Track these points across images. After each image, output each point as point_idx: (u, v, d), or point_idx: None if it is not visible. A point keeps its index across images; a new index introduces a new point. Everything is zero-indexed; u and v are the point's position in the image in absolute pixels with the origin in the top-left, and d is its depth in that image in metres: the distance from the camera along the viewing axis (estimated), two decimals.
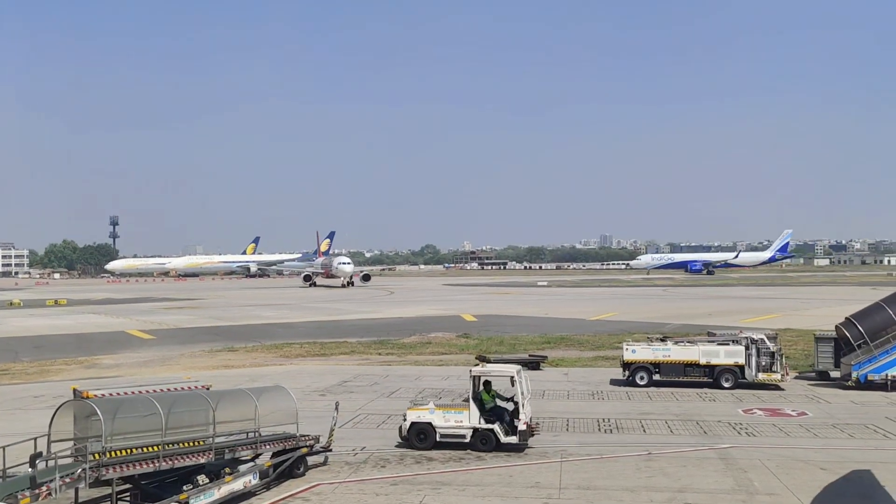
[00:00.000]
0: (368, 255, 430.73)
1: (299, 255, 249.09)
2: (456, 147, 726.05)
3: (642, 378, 36.65)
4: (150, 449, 18.72)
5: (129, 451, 18.43)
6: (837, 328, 38.32)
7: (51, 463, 17.37)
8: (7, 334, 66.23)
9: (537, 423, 25.62)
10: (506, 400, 25.04)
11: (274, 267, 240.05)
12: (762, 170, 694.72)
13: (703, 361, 36.25)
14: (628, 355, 37.24)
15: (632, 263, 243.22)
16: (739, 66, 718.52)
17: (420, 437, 24.74)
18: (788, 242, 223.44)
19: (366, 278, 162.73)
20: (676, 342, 38.04)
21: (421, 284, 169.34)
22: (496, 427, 24.39)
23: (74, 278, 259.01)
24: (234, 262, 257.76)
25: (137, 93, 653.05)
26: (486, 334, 60.46)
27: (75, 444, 18.52)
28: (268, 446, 21.73)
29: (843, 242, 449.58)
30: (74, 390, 19.67)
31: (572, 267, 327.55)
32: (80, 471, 17.35)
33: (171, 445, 19.16)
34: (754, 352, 35.85)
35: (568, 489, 20.67)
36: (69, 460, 17.97)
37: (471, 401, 24.77)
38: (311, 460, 22.87)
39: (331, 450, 23.55)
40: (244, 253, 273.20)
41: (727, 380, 35.88)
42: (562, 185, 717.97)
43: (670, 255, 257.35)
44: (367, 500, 19.99)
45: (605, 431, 27.85)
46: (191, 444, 19.73)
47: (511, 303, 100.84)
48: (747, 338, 36.67)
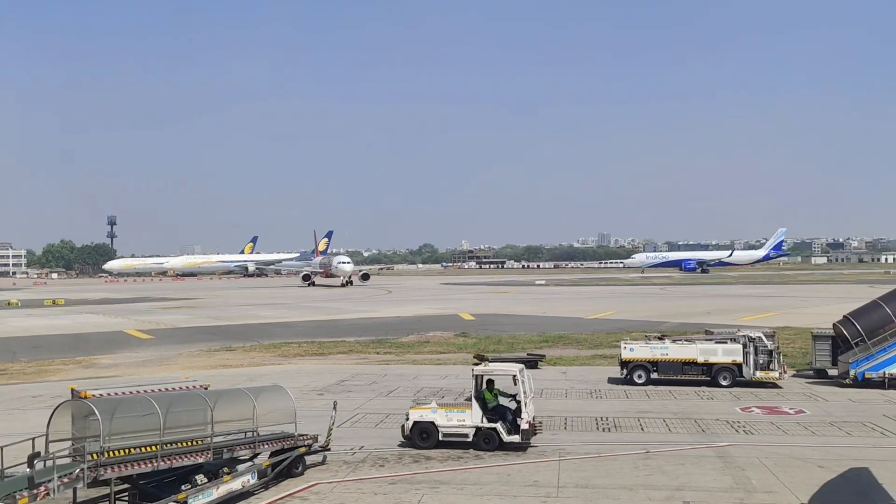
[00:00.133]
0: (366, 254, 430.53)
1: (297, 255, 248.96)
2: (454, 146, 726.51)
3: (640, 376, 36.69)
4: (149, 449, 18.72)
5: (127, 450, 18.42)
6: (835, 326, 38.37)
7: (49, 463, 17.37)
8: (5, 334, 66.12)
9: (539, 422, 25.61)
10: (508, 398, 25.06)
11: (272, 266, 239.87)
12: (759, 168, 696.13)
13: (700, 360, 36.27)
14: (626, 354, 37.26)
15: (626, 262, 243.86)
16: (737, 65, 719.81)
17: (423, 436, 24.74)
18: (783, 241, 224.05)
19: (365, 277, 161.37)
20: (674, 341, 38.08)
21: (419, 283, 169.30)
22: (499, 426, 24.37)
23: (72, 278, 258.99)
24: (231, 261, 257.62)
25: (135, 92, 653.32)
26: (485, 333, 60.44)
27: (73, 444, 18.51)
28: (266, 446, 21.73)
29: (841, 240, 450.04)
30: (72, 390, 19.66)
31: (570, 266, 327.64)
32: (78, 471, 17.33)
33: (169, 445, 19.15)
34: (752, 350, 35.89)
35: (566, 488, 20.68)
36: (67, 460, 17.98)
37: (473, 400, 24.77)
38: (310, 460, 22.86)
39: (329, 449, 23.55)
40: (242, 252, 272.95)
41: (725, 378, 35.91)
42: (559, 183, 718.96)
43: (665, 254, 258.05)
44: (366, 499, 20.00)
45: (604, 430, 27.88)
46: (189, 443, 19.73)
47: (509, 302, 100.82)
48: (745, 336, 36.70)
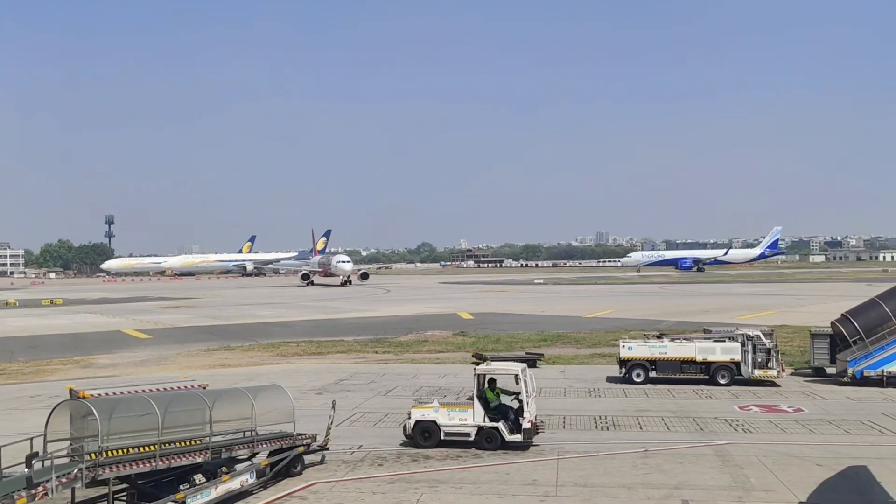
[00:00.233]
0: (365, 253, 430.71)
1: (295, 254, 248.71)
2: (452, 145, 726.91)
3: (639, 375, 36.71)
4: (147, 448, 18.69)
5: (125, 450, 18.39)
6: (833, 324, 38.39)
7: (47, 463, 17.35)
8: (3, 334, 66.04)
9: (542, 422, 25.58)
10: (510, 398, 25.05)
11: (270, 266, 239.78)
12: (758, 167, 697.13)
13: (699, 358, 36.30)
14: (625, 352, 37.28)
15: (623, 261, 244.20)
16: (736, 64, 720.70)
17: (425, 435, 24.72)
18: (778, 239, 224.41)
19: (364, 277, 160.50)
20: (673, 339, 38.11)
21: (417, 283, 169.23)
22: (501, 425, 24.33)
23: (70, 278, 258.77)
24: (230, 260, 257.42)
25: (133, 92, 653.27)
26: (483, 332, 60.43)
27: (72, 444, 18.47)
28: (265, 445, 21.70)
29: (839, 239, 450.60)
30: (70, 390, 19.65)
31: (568, 264, 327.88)
32: (76, 471, 17.31)
33: (167, 445, 19.13)
34: (750, 348, 35.91)
35: (565, 486, 20.68)
36: (65, 460, 17.96)
37: (475, 399, 24.73)
38: (308, 459, 22.83)
39: (328, 448, 23.53)
40: (240, 252, 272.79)
41: (723, 376, 35.93)
42: (558, 182, 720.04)
43: (661, 253, 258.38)
44: (365, 498, 19.99)
45: (602, 428, 27.89)
46: (187, 443, 19.70)
47: (507, 300, 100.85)
48: (743, 334, 36.72)
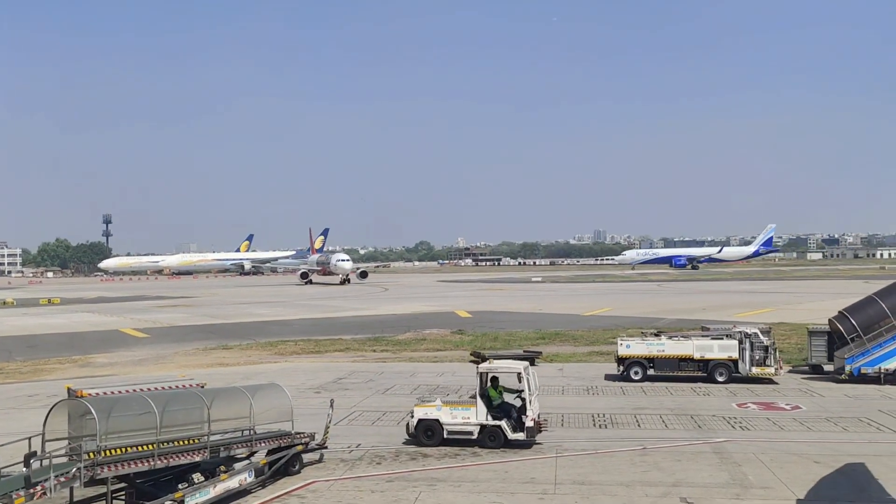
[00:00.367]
0: (363, 251, 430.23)
1: (293, 253, 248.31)
2: (450, 144, 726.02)
3: (637, 373, 36.75)
4: (145, 448, 18.71)
5: (123, 449, 18.40)
6: (830, 322, 38.45)
7: (45, 462, 17.37)
8: (0, 333, 65.96)
9: (545, 420, 25.57)
10: (513, 396, 25.04)
11: (268, 264, 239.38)
12: (755, 165, 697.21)
13: (697, 356, 36.34)
14: (623, 350, 37.31)
15: (617, 259, 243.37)
16: (733, 63, 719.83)
17: (427, 433, 24.73)
18: (772, 237, 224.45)
19: (363, 275, 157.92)
20: (670, 337, 38.19)
21: (415, 281, 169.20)
22: (504, 423, 24.31)
23: (67, 277, 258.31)
24: (227, 259, 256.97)
25: (131, 91, 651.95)
26: (481, 330, 60.43)
27: (70, 444, 18.49)
28: (263, 444, 21.72)
29: (836, 236, 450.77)
30: (68, 389, 19.65)
31: (566, 262, 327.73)
32: (74, 470, 17.32)
33: (165, 444, 19.14)
34: (748, 346, 35.95)
35: (563, 484, 20.71)
36: (64, 459, 17.96)
37: (478, 397, 24.73)
38: (307, 458, 22.83)
39: (326, 447, 23.55)
40: (238, 251, 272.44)
41: (721, 374, 35.97)
42: (555, 180, 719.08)
43: (655, 251, 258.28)
44: (363, 496, 20.01)
45: (600, 426, 27.91)
46: (186, 442, 19.71)
47: (505, 299, 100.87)
48: (741, 332, 36.77)
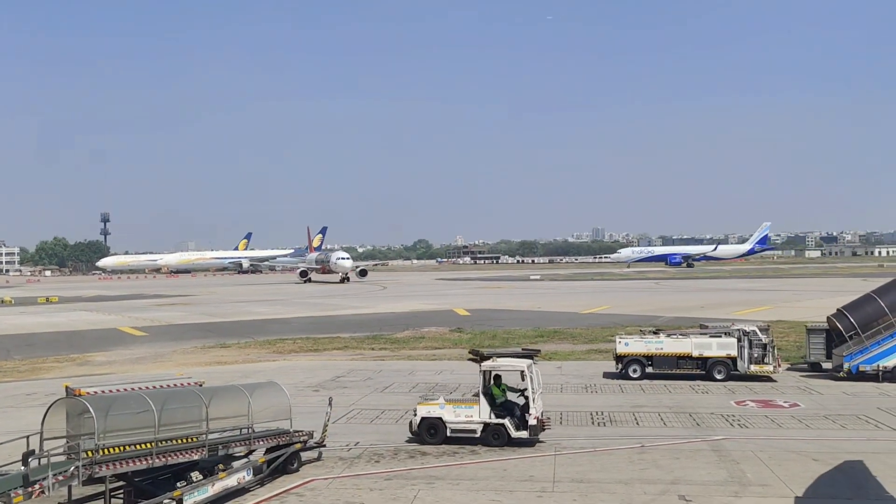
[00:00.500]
0: (361, 250, 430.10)
1: (291, 251, 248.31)
2: (448, 142, 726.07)
3: (635, 371, 36.75)
4: (144, 446, 18.70)
5: (122, 448, 18.40)
6: (829, 320, 38.47)
7: (44, 461, 17.36)
8: None
9: (548, 418, 25.51)
10: (516, 394, 25.02)
11: (266, 263, 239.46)
12: (753, 162, 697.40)
13: (695, 354, 36.33)
14: (621, 348, 37.32)
15: (612, 257, 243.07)
16: (732, 62, 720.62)
17: (430, 431, 24.72)
18: (767, 235, 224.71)
19: (362, 274, 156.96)
20: (669, 335, 38.14)
21: (414, 279, 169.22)
22: (507, 422, 24.29)
23: (66, 275, 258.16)
24: (226, 258, 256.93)
25: (128, 90, 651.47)
26: (479, 328, 60.39)
27: (68, 442, 18.47)
28: (261, 442, 21.70)
29: (834, 234, 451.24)
30: (67, 388, 19.63)
31: (565, 260, 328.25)
32: (73, 468, 17.31)
33: (164, 442, 19.13)
34: (746, 344, 35.94)
35: (562, 482, 20.70)
36: (62, 458, 17.94)
37: (481, 395, 24.72)
38: (305, 456, 22.83)
39: (325, 445, 23.51)
40: (236, 249, 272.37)
41: (719, 372, 35.99)
42: (554, 179, 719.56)
43: (650, 249, 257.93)
44: (362, 494, 19.99)
45: (599, 424, 27.91)
46: (184, 440, 19.71)
47: (504, 297, 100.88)
48: (739, 330, 36.77)
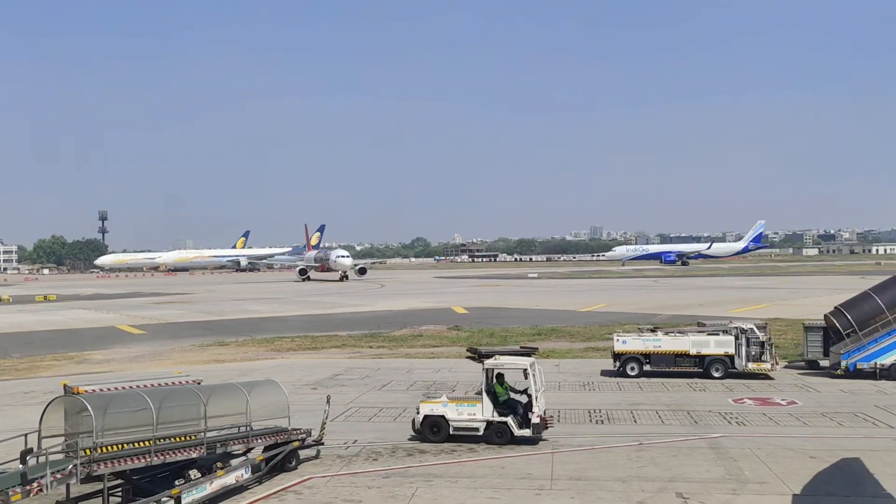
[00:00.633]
0: (359, 248, 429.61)
1: (289, 249, 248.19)
2: (446, 140, 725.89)
3: (633, 369, 36.80)
4: (142, 444, 18.70)
5: (120, 446, 18.40)
6: (826, 317, 38.53)
7: (42, 459, 17.35)
8: None
9: (551, 416, 25.53)
10: (519, 392, 25.04)
11: (264, 261, 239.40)
12: (751, 161, 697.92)
13: (693, 352, 36.39)
14: (619, 346, 37.36)
15: (606, 255, 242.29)
16: (730, 61, 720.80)
17: (433, 429, 24.72)
18: (762, 233, 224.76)
19: (361, 272, 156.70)
20: (667, 333, 38.19)
21: (412, 277, 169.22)
22: (510, 420, 24.30)
23: (63, 274, 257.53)
24: (224, 256, 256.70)
25: (126, 88, 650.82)
26: (477, 326, 60.40)
27: (66, 440, 18.47)
28: (260, 440, 21.70)
29: (832, 232, 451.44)
30: (65, 386, 19.65)
31: (563, 259, 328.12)
32: (71, 466, 17.31)
33: (162, 440, 19.13)
34: (744, 342, 36.00)
35: (560, 480, 20.73)
36: (60, 456, 17.93)
37: (484, 394, 24.73)
38: (303, 454, 22.84)
39: (323, 443, 23.52)
40: (234, 247, 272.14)
41: (717, 370, 36.04)
42: (552, 177, 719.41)
43: (644, 247, 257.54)
44: (360, 492, 20.01)
45: (597, 422, 27.95)
46: (182, 438, 19.70)
47: (502, 295, 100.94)
48: (737, 328, 36.83)
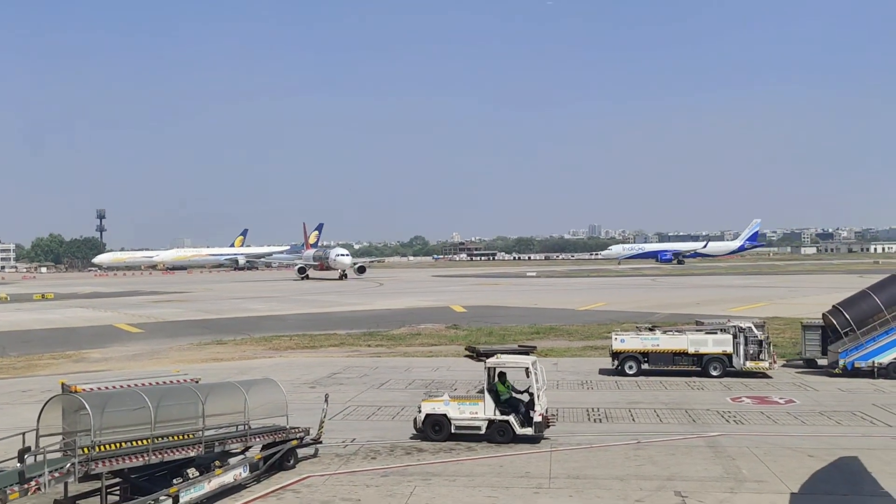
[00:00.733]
0: (357, 246, 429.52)
1: (288, 248, 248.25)
2: (445, 139, 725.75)
3: (631, 367, 36.81)
4: (140, 443, 18.68)
5: (118, 445, 18.38)
6: (824, 316, 38.55)
7: (39, 457, 17.33)
8: None
9: (553, 415, 25.52)
10: (521, 391, 25.02)
11: (263, 259, 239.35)
12: (749, 159, 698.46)
13: (691, 350, 36.42)
14: (617, 345, 37.37)
15: (602, 254, 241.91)
16: (729, 59, 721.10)
17: (435, 428, 24.70)
18: (758, 232, 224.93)
19: (361, 270, 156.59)
20: (665, 331, 38.21)
21: (410, 276, 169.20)
22: (511, 418, 24.28)
23: (61, 272, 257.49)
24: (222, 254, 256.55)
25: (124, 87, 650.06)
26: (476, 325, 60.36)
27: (64, 439, 18.44)
28: (258, 439, 21.69)
29: (830, 231, 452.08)
30: (63, 384, 19.61)
31: (561, 257, 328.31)
32: (69, 465, 17.28)
33: (160, 439, 19.12)
34: (742, 340, 36.04)
35: (558, 478, 20.73)
36: (58, 455, 17.91)
37: (486, 392, 24.73)
38: (302, 452, 22.82)
39: (321, 442, 23.50)
40: (232, 245, 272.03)
41: (715, 368, 36.08)
42: (550, 175, 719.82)
43: (641, 245, 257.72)
44: (358, 491, 20.00)
45: (595, 421, 27.95)
46: (180, 437, 19.68)
47: (500, 293, 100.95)
48: (735, 326, 36.85)
